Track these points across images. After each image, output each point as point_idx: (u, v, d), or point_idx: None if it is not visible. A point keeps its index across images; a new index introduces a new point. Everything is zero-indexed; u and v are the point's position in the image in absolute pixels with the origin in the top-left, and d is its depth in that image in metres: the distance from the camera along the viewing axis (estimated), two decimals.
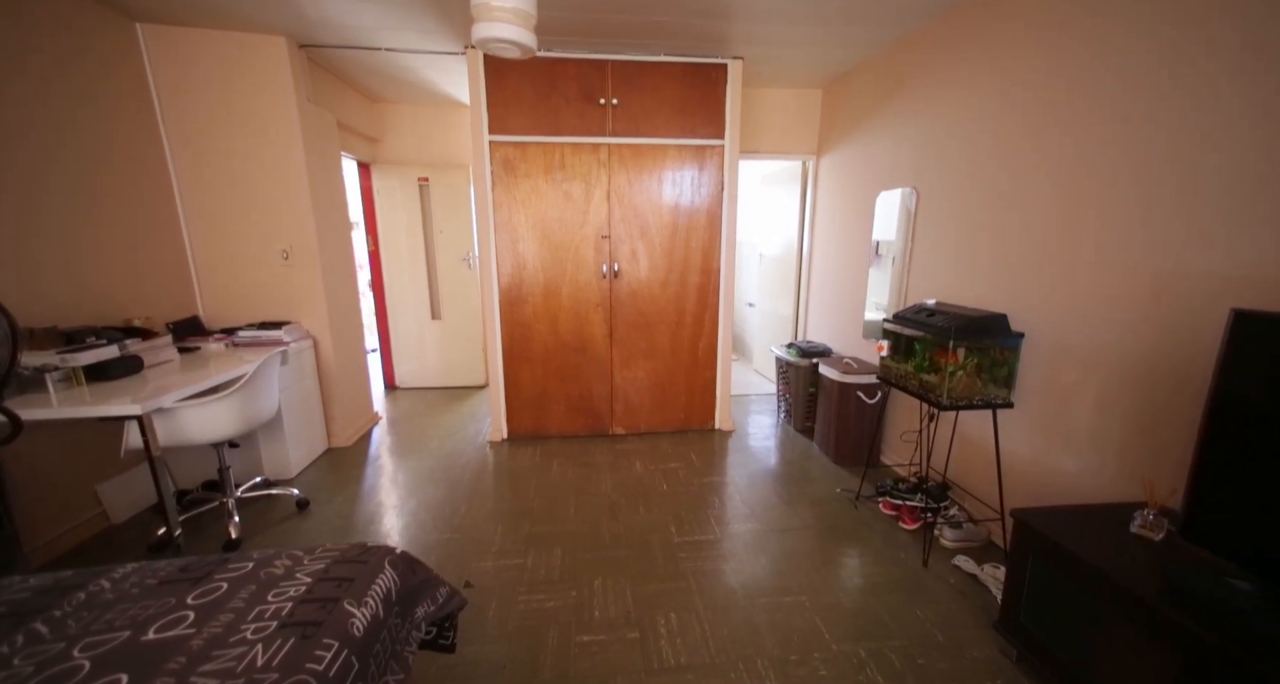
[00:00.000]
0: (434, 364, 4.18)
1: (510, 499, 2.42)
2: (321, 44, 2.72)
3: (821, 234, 3.58)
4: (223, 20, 2.44)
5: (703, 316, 3.16)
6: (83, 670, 0.79)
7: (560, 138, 2.87)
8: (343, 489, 2.52)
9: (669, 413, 3.25)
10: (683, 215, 3.04)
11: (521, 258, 2.98)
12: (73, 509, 2.08)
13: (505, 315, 3.02)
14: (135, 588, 0.98)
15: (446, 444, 3.06)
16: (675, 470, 2.71)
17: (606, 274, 3.04)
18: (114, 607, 0.93)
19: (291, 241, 2.78)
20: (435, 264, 4.04)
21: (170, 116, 2.55)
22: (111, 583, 1.00)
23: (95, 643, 0.85)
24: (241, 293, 2.80)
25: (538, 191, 2.93)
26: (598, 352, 3.12)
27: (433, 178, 3.91)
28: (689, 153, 2.97)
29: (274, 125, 2.64)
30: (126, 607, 0.93)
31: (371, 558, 1.09)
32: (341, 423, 3.04)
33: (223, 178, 2.66)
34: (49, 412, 1.68)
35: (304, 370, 2.78)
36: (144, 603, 0.94)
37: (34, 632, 0.88)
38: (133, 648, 0.83)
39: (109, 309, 2.26)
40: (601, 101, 2.84)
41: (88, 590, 0.98)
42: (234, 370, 2.15)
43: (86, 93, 2.20)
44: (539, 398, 3.13)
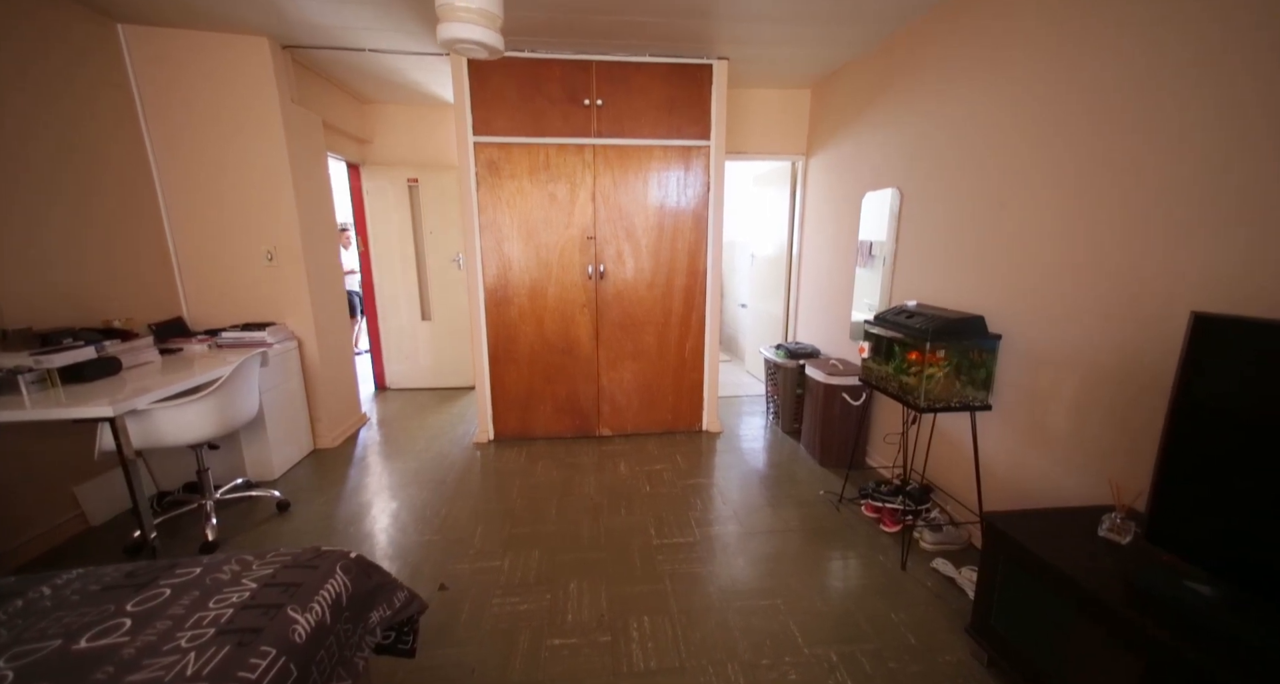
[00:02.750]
0: (424, 365, 4.17)
1: (493, 501, 2.41)
2: (304, 45, 2.72)
3: (811, 235, 3.56)
4: (203, 20, 2.44)
5: (689, 318, 3.15)
6: (5, 682, 0.78)
7: (545, 139, 2.86)
8: (325, 491, 2.51)
9: (656, 414, 3.24)
10: (669, 216, 3.03)
11: (507, 259, 2.97)
12: (50, 511, 2.08)
13: (491, 316, 3.02)
14: (76, 595, 0.98)
15: (433, 445, 3.06)
16: (660, 472, 2.70)
17: (593, 275, 3.03)
18: (50, 614, 0.92)
19: (276, 243, 2.78)
20: (425, 265, 4.04)
21: (153, 117, 2.55)
22: (53, 589, 1.00)
23: (23, 653, 0.84)
24: (226, 294, 2.80)
25: (523, 192, 2.92)
26: (584, 353, 3.11)
27: (422, 179, 3.91)
28: (675, 154, 2.96)
29: (257, 126, 2.64)
30: (63, 615, 0.92)
31: (323, 563, 1.08)
32: (327, 424, 3.03)
33: (207, 179, 2.66)
34: (20, 413, 1.67)
35: (288, 371, 2.77)
36: (82, 610, 0.93)
37: None
38: (61, 658, 0.82)
39: (88, 310, 2.26)
40: (586, 102, 2.83)
41: (26, 597, 0.97)
42: (214, 372, 2.15)
43: (62, 91, 2.19)
44: (525, 399, 3.12)
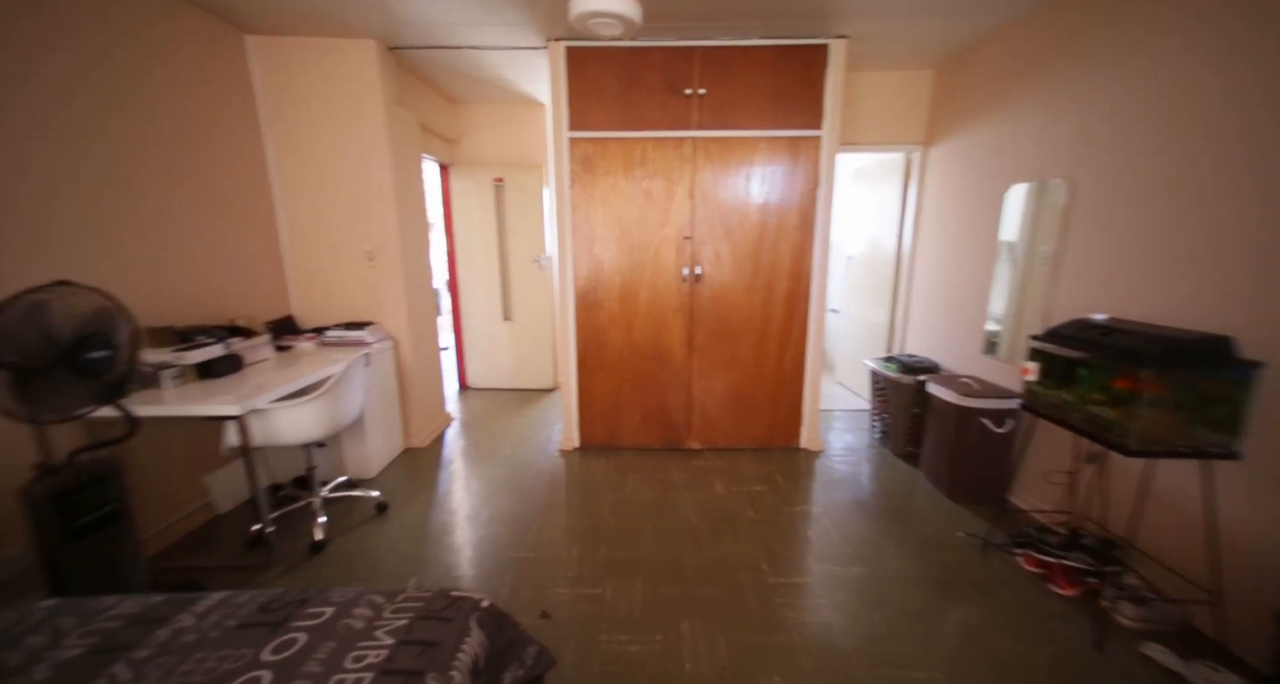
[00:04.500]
0: (504, 365, 4.17)
1: (585, 517, 2.29)
2: (408, 45, 2.71)
3: (929, 234, 3.17)
4: (320, 27, 2.47)
5: (791, 325, 2.88)
6: None
7: (642, 132, 2.69)
8: (419, 494, 2.51)
9: (750, 428, 3.01)
10: (772, 215, 2.77)
11: (598, 260, 2.84)
12: (184, 498, 2.18)
13: (580, 320, 2.90)
14: (215, 629, 0.92)
15: (518, 450, 3.00)
16: (760, 495, 2.47)
17: (687, 278, 2.83)
18: (193, 653, 0.86)
19: (376, 244, 2.81)
20: (508, 265, 4.02)
21: (271, 124, 2.64)
22: (195, 618, 0.95)
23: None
24: (329, 294, 2.87)
25: (617, 190, 2.77)
26: (675, 360, 2.93)
27: (507, 178, 3.88)
28: (781, 146, 2.69)
29: (362, 129, 2.67)
30: (205, 655, 0.86)
31: (457, 615, 0.97)
32: (418, 424, 3.06)
33: (315, 182, 2.72)
34: (162, 408, 1.73)
35: (385, 371, 2.80)
36: (223, 652, 0.86)
37: (115, 677, 0.82)
38: None
39: (215, 309, 2.36)
40: (687, 92, 2.63)
41: (172, 627, 0.92)
42: (323, 370, 2.17)
43: (203, 106, 2.29)
44: (613, 407, 2.99)
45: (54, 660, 0.84)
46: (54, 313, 1.41)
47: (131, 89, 1.98)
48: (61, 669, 0.83)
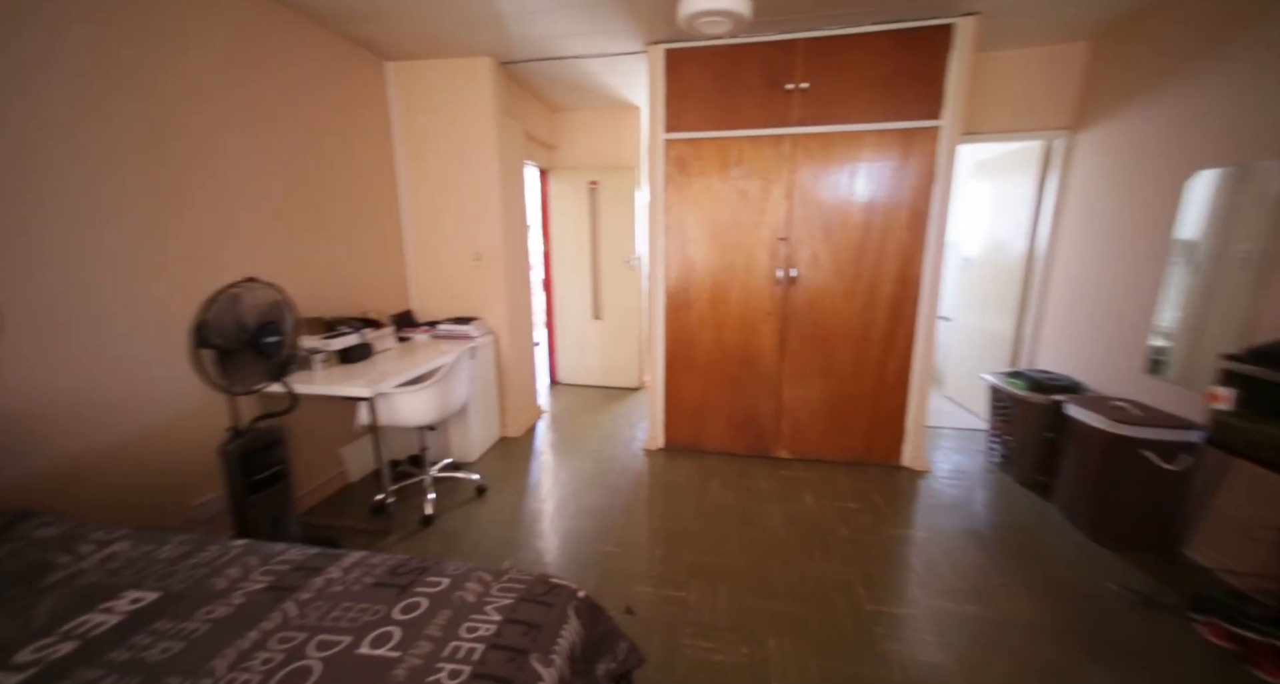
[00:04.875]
0: (593, 363, 4.32)
1: (668, 518, 2.30)
2: (519, 59, 2.90)
3: (1072, 232, 2.76)
4: (445, 49, 2.73)
5: (895, 333, 2.66)
6: (311, 676, 0.83)
7: (738, 131, 2.64)
8: (513, 480, 2.67)
9: (845, 441, 2.82)
10: (877, 214, 2.57)
11: (690, 261, 2.84)
12: (325, 465, 2.53)
13: (670, 321, 2.92)
14: (356, 584, 1.05)
15: (604, 447, 3.09)
16: (855, 513, 2.31)
17: (781, 280, 2.73)
18: (341, 602, 0.99)
19: (482, 245, 3.04)
20: (600, 265, 4.15)
21: (402, 141, 2.97)
22: (341, 572, 1.09)
23: (327, 643, 0.89)
24: (441, 290, 3.16)
25: (711, 190, 2.74)
26: (766, 365, 2.83)
27: (602, 181, 4.01)
28: (891, 139, 2.49)
29: (475, 140, 2.90)
30: (349, 605, 0.99)
31: (557, 601, 1.01)
32: (513, 414, 3.27)
33: (433, 190, 3.01)
34: (312, 387, 2.02)
35: (486, 363, 3.03)
36: (362, 604, 0.98)
37: (288, 612, 0.97)
38: (350, 659, 0.86)
39: (353, 302, 2.70)
40: (789, 87, 2.53)
41: (324, 576, 1.07)
42: (436, 360, 2.40)
43: (351, 127, 2.64)
44: (699, 410, 2.97)
45: (245, 590, 1.02)
46: (244, 304, 1.70)
47: (304, 117, 2.33)
48: (250, 598, 1.00)
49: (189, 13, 1.85)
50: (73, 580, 1.05)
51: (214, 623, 0.94)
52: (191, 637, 0.91)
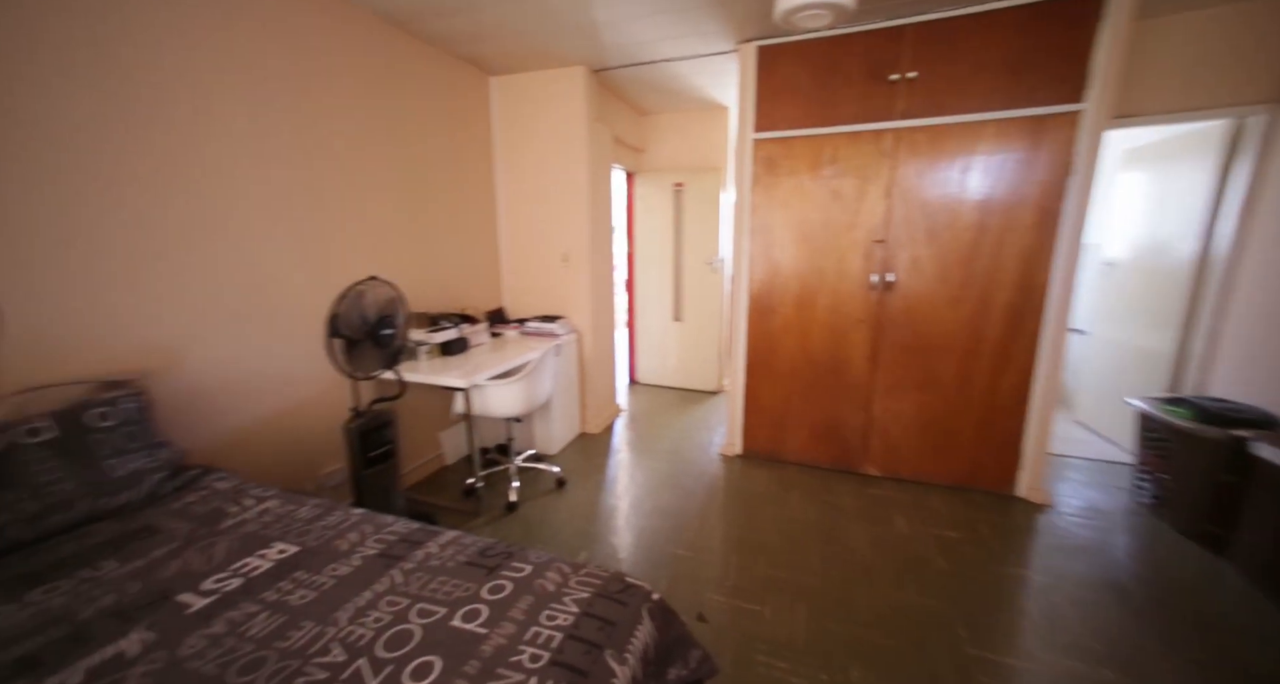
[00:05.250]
0: (671, 364, 4.33)
1: (744, 527, 2.24)
2: (611, 66, 2.99)
3: (1269, 232, 2.26)
4: (543, 61, 2.89)
5: (1011, 346, 2.36)
6: (413, 639, 0.91)
7: (834, 128, 2.50)
8: (591, 475, 2.76)
9: (945, 462, 2.57)
10: (995, 213, 2.30)
11: (775, 264, 2.74)
12: (426, 447, 2.79)
13: (752, 325, 2.84)
14: (451, 560, 1.14)
15: (680, 449, 3.09)
16: (956, 543, 2.09)
17: (876, 285, 2.54)
18: (437, 576, 1.09)
19: (570, 247, 3.17)
20: (682, 267, 4.15)
21: (500, 150, 3.18)
22: (439, 548, 1.19)
23: (426, 611, 0.98)
24: (530, 289, 3.34)
25: (801, 191, 2.63)
26: (855, 375, 2.66)
27: (687, 183, 4.01)
28: (1016, 129, 2.22)
29: (567, 146, 3.03)
30: (445, 579, 1.08)
31: (631, 600, 1.03)
32: (593, 411, 3.37)
33: (527, 194, 3.20)
34: (418, 376, 2.23)
35: (569, 360, 3.15)
36: (455, 580, 1.07)
37: (395, 578, 1.08)
38: (445, 630, 0.93)
39: (453, 299, 2.94)
40: (893, 77, 2.35)
41: (424, 550, 1.18)
42: (524, 356, 2.54)
43: (459, 139, 2.88)
44: (780, 418, 2.86)
45: (361, 554, 1.16)
46: (366, 300, 1.93)
47: (420, 131, 2.60)
48: (366, 561, 1.13)
49: (340, 42, 2.14)
50: (239, 527, 1.26)
51: (338, 579, 1.07)
52: (321, 588, 1.05)
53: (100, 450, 1.32)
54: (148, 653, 0.88)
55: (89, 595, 1.02)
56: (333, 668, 0.85)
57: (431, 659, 0.86)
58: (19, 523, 1.15)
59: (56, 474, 1.23)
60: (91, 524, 1.26)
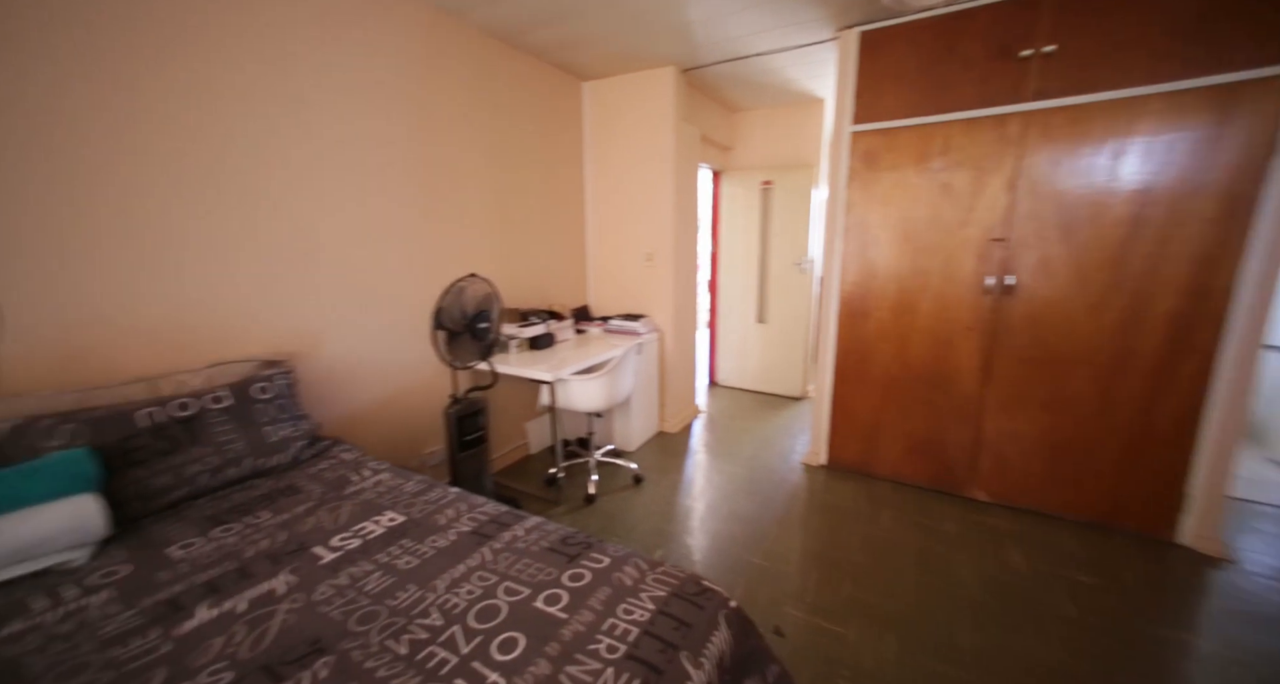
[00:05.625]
0: (753, 367, 4.21)
1: (827, 543, 2.11)
2: (701, 64, 2.97)
3: None
4: (634, 64, 2.94)
5: (1176, 363, 1.98)
6: (500, 614, 0.97)
7: (946, 115, 2.26)
8: (667, 474, 2.76)
9: (1076, 494, 2.22)
10: (1156, 204, 1.95)
11: (871, 265, 2.55)
12: (513, 436, 2.97)
13: (842, 329, 2.67)
14: (535, 545, 1.20)
15: (760, 455, 2.99)
16: (1091, 590, 1.80)
17: (992, 289, 2.27)
18: (522, 558, 1.15)
19: (654, 246, 3.20)
20: (768, 268, 4.02)
21: (590, 154, 3.30)
22: (524, 532, 1.25)
23: (512, 590, 1.04)
24: (614, 288, 3.42)
25: (903, 186, 2.42)
26: (962, 387, 2.39)
27: (776, 180, 3.87)
28: (1195, 102, 1.85)
29: (654, 146, 3.06)
30: (529, 562, 1.13)
31: (708, 604, 1.01)
32: (671, 410, 3.38)
33: (614, 195, 3.27)
34: (508, 368, 2.38)
35: (650, 359, 3.18)
36: (538, 565, 1.12)
37: (485, 556, 1.16)
38: (528, 611, 0.98)
39: (541, 296, 3.10)
40: (1025, 54, 2.07)
41: (511, 532, 1.25)
42: (607, 353, 2.61)
43: (553, 143, 3.03)
44: (871, 429, 2.66)
45: (457, 530, 1.26)
46: (466, 295, 2.10)
47: (516, 137, 2.77)
48: (461, 537, 1.23)
49: (450, 60, 2.35)
50: (359, 494, 1.43)
51: (437, 551, 1.18)
52: (423, 557, 1.15)
53: (261, 418, 1.57)
54: (291, 593, 1.03)
55: (251, 538, 1.21)
56: (432, 630, 0.93)
57: (516, 635, 0.91)
58: (206, 473, 1.41)
59: (231, 436, 1.49)
60: (254, 479, 1.50)
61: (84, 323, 1.42)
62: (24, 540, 1.06)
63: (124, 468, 1.29)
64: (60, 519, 1.11)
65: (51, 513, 1.11)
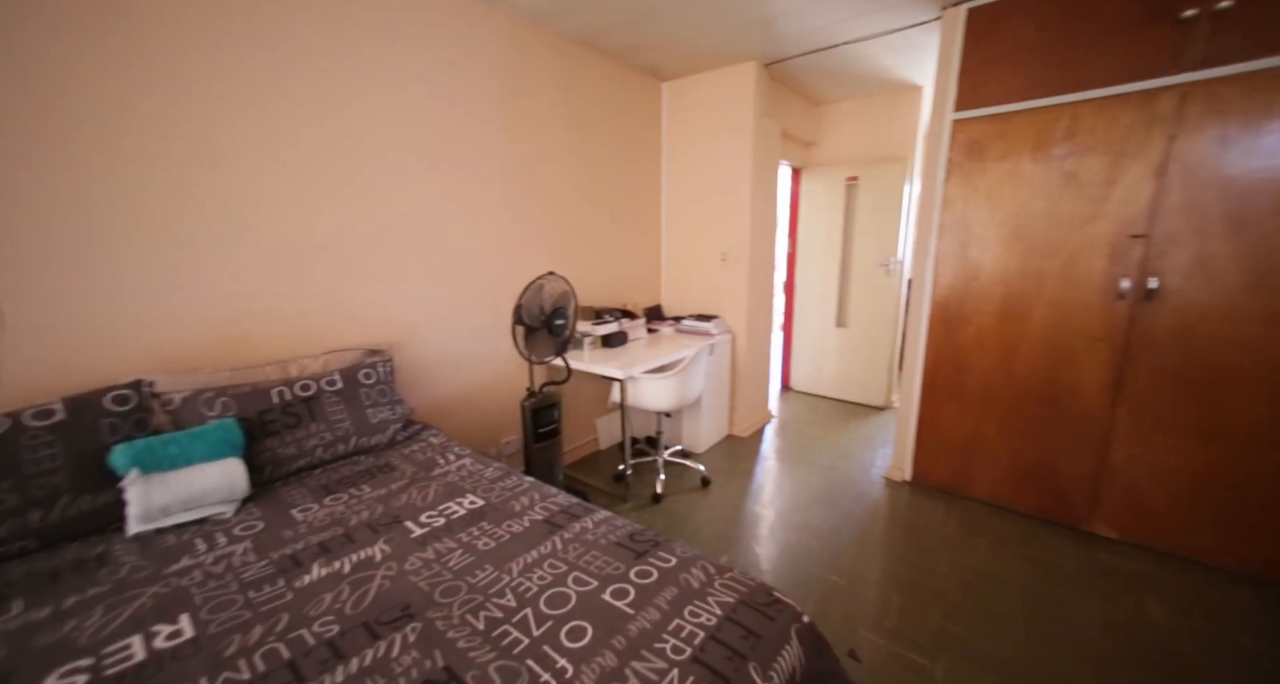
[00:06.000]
0: (830, 373, 3.99)
1: (912, 566, 1.94)
2: (784, 58, 2.86)
3: None
4: (714, 62, 2.90)
5: None
6: (569, 602, 1.00)
7: (1075, 95, 1.99)
8: (736, 479, 2.70)
9: (1241, 539, 1.86)
10: None
11: (971, 266, 2.31)
12: (584, 431, 3.06)
13: (934, 335, 2.45)
14: (603, 539, 1.22)
15: (837, 465, 2.83)
16: (1256, 658, 1.50)
17: (1127, 294, 1.96)
18: (590, 550, 1.17)
19: (729, 246, 3.13)
20: (850, 268, 3.79)
21: (668, 154, 3.30)
22: (593, 525, 1.28)
23: (580, 580, 1.07)
24: (687, 287, 3.40)
25: (1015, 178, 2.16)
26: (1084, 407, 2.10)
27: (862, 176, 3.63)
28: None
29: (733, 144, 2.99)
30: (596, 555, 1.15)
31: (779, 617, 0.96)
32: (742, 414, 3.29)
33: (690, 194, 3.25)
34: (581, 365, 2.44)
35: (722, 361, 3.12)
36: (605, 558, 1.13)
37: (556, 544, 1.20)
38: (595, 601, 0.99)
39: (615, 294, 3.15)
40: (1187, 14, 1.77)
41: (580, 524, 1.28)
42: (678, 353, 2.60)
43: (632, 145, 3.08)
44: (965, 446, 2.42)
45: (530, 517, 1.32)
46: (544, 293, 2.18)
47: (597, 138, 2.84)
48: (534, 524, 1.29)
49: (535, 66, 2.46)
50: (445, 477, 1.54)
51: (512, 535, 1.24)
52: (499, 540, 1.22)
53: (365, 401, 1.75)
54: (385, 561, 1.13)
55: (354, 509, 1.35)
56: (506, 610, 0.98)
57: (584, 625, 0.93)
58: (321, 447, 1.59)
59: (341, 415, 1.67)
60: (357, 455, 1.67)
61: (241, 315, 1.66)
62: (195, 491, 1.28)
63: (260, 437, 1.50)
64: (218, 477, 1.31)
65: (213, 470, 1.31)
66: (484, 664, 0.85)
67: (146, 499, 1.23)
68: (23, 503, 1.15)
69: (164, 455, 1.28)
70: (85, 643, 0.90)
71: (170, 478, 1.27)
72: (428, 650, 0.88)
